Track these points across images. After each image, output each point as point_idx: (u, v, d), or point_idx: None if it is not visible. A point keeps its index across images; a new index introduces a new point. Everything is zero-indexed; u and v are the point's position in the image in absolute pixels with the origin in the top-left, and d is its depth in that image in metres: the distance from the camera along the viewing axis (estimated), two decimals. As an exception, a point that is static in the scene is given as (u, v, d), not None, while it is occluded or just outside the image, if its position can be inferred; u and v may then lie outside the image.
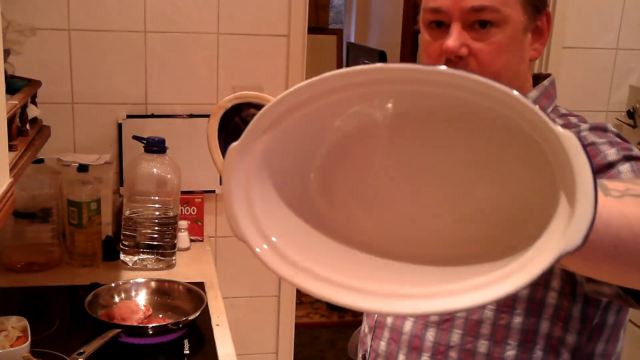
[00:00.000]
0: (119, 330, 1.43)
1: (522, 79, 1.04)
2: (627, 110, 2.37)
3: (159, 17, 2.04)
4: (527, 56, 1.02)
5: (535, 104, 0.87)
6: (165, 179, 1.87)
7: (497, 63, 0.98)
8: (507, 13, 0.96)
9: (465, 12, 0.96)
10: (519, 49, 0.99)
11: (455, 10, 0.97)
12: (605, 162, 0.98)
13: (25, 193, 1.79)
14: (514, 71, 1.01)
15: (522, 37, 0.99)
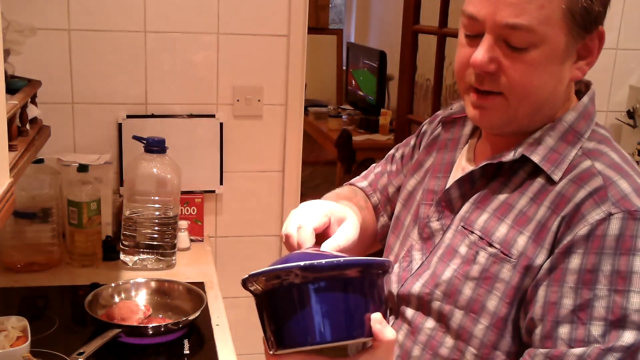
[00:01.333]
0: (119, 330, 1.43)
1: (558, 101, 0.97)
2: (627, 110, 2.37)
3: (159, 17, 2.04)
4: (568, 76, 0.95)
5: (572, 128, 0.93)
6: (165, 179, 1.87)
7: (528, 84, 0.92)
8: (545, 32, 0.88)
9: (500, 27, 0.89)
10: (557, 70, 0.93)
11: (489, 22, 0.90)
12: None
13: (25, 193, 1.79)
14: (549, 93, 0.94)
15: (563, 58, 0.92)
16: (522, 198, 0.95)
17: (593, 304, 0.85)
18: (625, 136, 2.40)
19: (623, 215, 0.86)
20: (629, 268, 0.84)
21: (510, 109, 0.94)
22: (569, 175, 0.92)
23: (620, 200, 0.87)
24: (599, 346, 0.84)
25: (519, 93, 0.92)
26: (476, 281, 0.96)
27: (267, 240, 2.27)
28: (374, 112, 4.28)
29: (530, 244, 0.92)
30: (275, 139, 2.20)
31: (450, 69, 2.98)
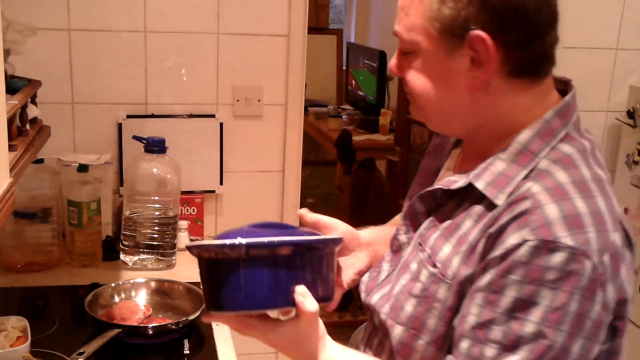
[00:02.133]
0: (119, 330, 1.43)
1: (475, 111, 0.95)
2: (627, 110, 2.37)
3: (159, 17, 2.04)
4: (464, 85, 0.92)
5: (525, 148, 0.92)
6: (165, 179, 1.87)
7: (417, 87, 0.95)
8: (414, 39, 0.93)
9: (394, 34, 0.96)
10: (440, 75, 0.93)
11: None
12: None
13: (25, 193, 1.79)
14: (443, 98, 0.94)
15: (442, 63, 0.92)
16: (467, 219, 0.94)
17: (492, 325, 0.85)
18: (625, 136, 2.40)
19: (537, 243, 0.82)
20: (532, 298, 0.83)
21: (420, 110, 0.98)
22: (510, 198, 0.89)
23: (540, 227, 0.83)
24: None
25: (414, 96, 0.97)
26: (417, 299, 0.96)
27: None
28: (374, 112, 4.28)
29: (462, 266, 0.92)
30: (275, 139, 2.20)
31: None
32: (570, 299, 0.82)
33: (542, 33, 0.96)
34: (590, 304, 0.83)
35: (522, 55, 0.92)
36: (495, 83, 0.92)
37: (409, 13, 0.93)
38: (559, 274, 0.82)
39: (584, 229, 0.83)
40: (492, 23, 0.88)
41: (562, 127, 0.94)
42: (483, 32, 0.88)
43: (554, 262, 0.82)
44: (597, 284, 0.83)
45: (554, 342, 0.83)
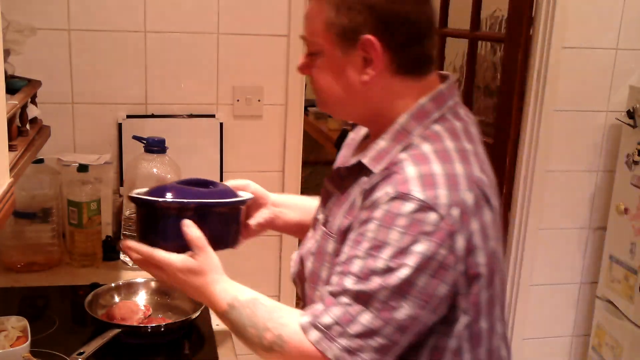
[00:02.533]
0: (119, 330, 1.43)
1: (366, 102, 1.12)
2: (627, 110, 2.37)
3: (159, 17, 2.04)
4: (356, 80, 1.09)
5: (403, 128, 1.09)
6: (165, 179, 1.87)
7: (321, 82, 1.13)
8: (317, 42, 1.10)
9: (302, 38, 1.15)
10: (338, 73, 1.10)
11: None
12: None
13: (25, 193, 1.79)
14: (342, 92, 1.12)
15: (339, 63, 1.09)
16: (355, 188, 1.12)
17: (353, 260, 1.03)
18: (625, 136, 2.40)
19: (395, 195, 1.01)
20: (384, 240, 1.00)
21: (323, 101, 1.16)
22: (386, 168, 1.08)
23: (399, 183, 1.02)
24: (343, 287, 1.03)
25: (319, 89, 1.14)
26: (314, 256, 1.18)
27: (267, 240, 2.27)
28: (374, 112, 4.28)
29: (342, 220, 1.12)
30: (275, 139, 2.20)
31: (450, 69, 2.98)
32: (414, 241, 0.99)
33: (421, 38, 1.09)
34: (436, 247, 0.99)
35: (405, 55, 1.08)
36: (383, 78, 1.09)
37: (312, 21, 1.11)
38: (407, 220, 1.00)
39: (435, 187, 1.01)
40: (379, 29, 1.06)
41: (435, 110, 1.10)
42: (372, 36, 1.06)
43: (404, 210, 1.00)
44: (444, 232, 0.99)
45: (400, 275, 1.00)
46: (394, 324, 1.01)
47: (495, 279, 1.09)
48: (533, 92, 2.38)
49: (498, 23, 3.29)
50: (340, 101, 1.14)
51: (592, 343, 2.58)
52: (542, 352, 2.64)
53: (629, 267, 2.37)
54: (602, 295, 2.53)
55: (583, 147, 2.47)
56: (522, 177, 2.43)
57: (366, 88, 1.10)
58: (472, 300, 1.06)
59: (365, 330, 1.02)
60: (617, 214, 2.44)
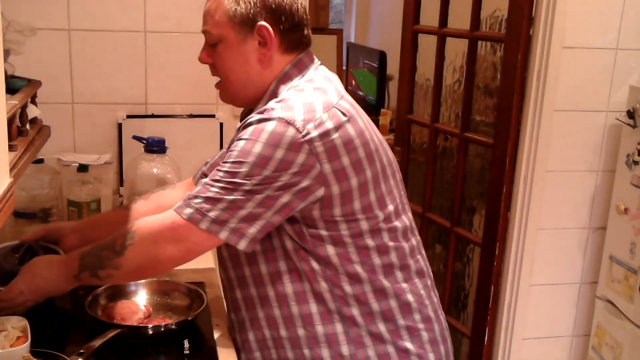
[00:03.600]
0: (119, 330, 1.43)
1: (258, 81, 1.37)
2: (627, 110, 2.36)
3: (159, 17, 2.04)
4: (254, 59, 1.36)
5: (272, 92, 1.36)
6: (165, 179, 1.87)
7: (224, 66, 1.38)
8: (219, 32, 1.36)
9: (203, 32, 1.41)
10: (240, 54, 1.36)
11: (202, 31, 1.41)
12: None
13: (25, 193, 1.79)
14: (244, 73, 1.37)
15: (241, 46, 1.35)
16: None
17: (217, 170, 1.27)
18: (625, 136, 2.40)
19: (258, 118, 1.27)
20: (247, 148, 1.24)
21: (228, 89, 1.41)
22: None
23: (263, 110, 1.28)
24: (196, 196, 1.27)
25: (224, 75, 1.39)
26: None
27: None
28: (374, 112, 4.28)
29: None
30: (275, 139, 2.20)
31: (450, 69, 2.98)
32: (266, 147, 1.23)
33: (300, 25, 1.37)
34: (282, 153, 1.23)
35: (290, 38, 1.36)
36: (275, 57, 1.36)
37: (214, 15, 1.36)
38: (266, 134, 1.24)
39: (293, 110, 1.26)
40: (270, 17, 1.34)
41: (298, 74, 1.37)
42: (265, 23, 1.33)
43: (265, 126, 1.24)
44: (299, 139, 1.23)
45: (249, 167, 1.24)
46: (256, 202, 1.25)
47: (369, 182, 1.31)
48: (533, 92, 2.38)
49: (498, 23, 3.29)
50: (241, 82, 1.37)
51: (592, 343, 2.58)
52: (542, 352, 2.64)
53: (629, 267, 2.37)
54: (602, 295, 2.53)
55: (583, 147, 2.47)
56: (522, 177, 2.43)
57: (262, 66, 1.36)
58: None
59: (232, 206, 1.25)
60: (617, 214, 2.44)
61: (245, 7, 1.33)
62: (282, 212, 1.26)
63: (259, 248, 1.33)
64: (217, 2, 1.37)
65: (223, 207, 1.25)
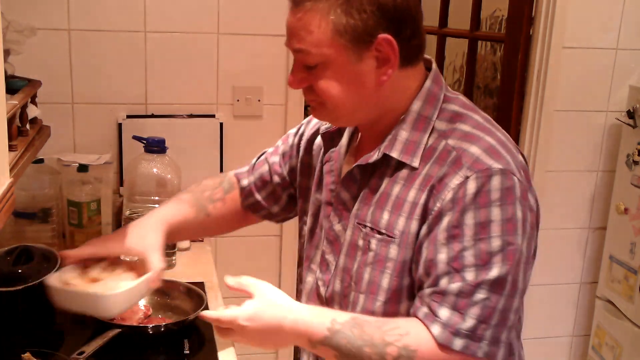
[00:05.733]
0: (119, 330, 1.43)
1: (377, 101, 1.10)
2: (627, 110, 2.37)
3: (159, 17, 2.04)
4: (372, 82, 1.08)
5: (420, 115, 1.11)
6: (165, 179, 1.87)
7: (330, 93, 1.09)
8: (322, 52, 1.05)
9: (294, 52, 1.10)
10: (352, 78, 1.07)
11: (290, 50, 1.11)
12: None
13: (25, 193, 1.79)
14: (355, 97, 1.09)
15: (353, 68, 1.06)
16: (395, 186, 1.10)
17: (463, 253, 1.01)
18: (625, 136, 2.40)
19: (476, 175, 1.01)
20: (488, 218, 1.00)
21: (330, 113, 1.13)
22: (432, 159, 1.07)
23: (472, 164, 1.02)
24: (470, 283, 1.00)
25: (328, 100, 1.10)
26: (371, 266, 1.11)
27: (267, 240, 2.27)
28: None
29: (407, 222, 1.07)
30: (275, 139, 2.19)
31: (450, 69, 2.98)
32: (515, 208, 1.01)
33: (419, 27, 1.10)
34: (526, 209, 1.03)
35: (410, 47, 1.09)
36: (394, 74, 1.08)
37: (312, 31, 1.05)
38: (500, 192, 1.01)
39: (501, 155, 1.04)
40: (390, 27, 1.05)
41: (439, 91, 1.13)
42: (387, 35, 1.05)
43: (493, 184, 1.01)
44: (525, 193, 1.03)
45: (517, 245, 1.01)
46: (519, 294, 1.04)
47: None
48: (533, 92, 2.38)
49: (498, 23, 3.29)
50: (354, 108, 1.11)
51: (592, 343, 2.58)
52: (542, 352, 2.64)
53: (629, 267, 2.37)
54: (602, 295, 2.53)
55: (583, 147, 2.47)
56: (522, 177, 2.44)
57: (380, 88, 1.09)
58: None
59: (502, 316, 1.02)
60: (617, 214, 2.44)
61: (360, 17, 1.04)
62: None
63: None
64: (313, 12, 1.05)
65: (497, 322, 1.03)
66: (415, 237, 1.06)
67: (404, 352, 1.01)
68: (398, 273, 1.08)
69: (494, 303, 1.00)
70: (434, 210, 1.03)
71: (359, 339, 1.03)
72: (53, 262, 1.50)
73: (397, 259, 1.08)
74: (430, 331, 1.01)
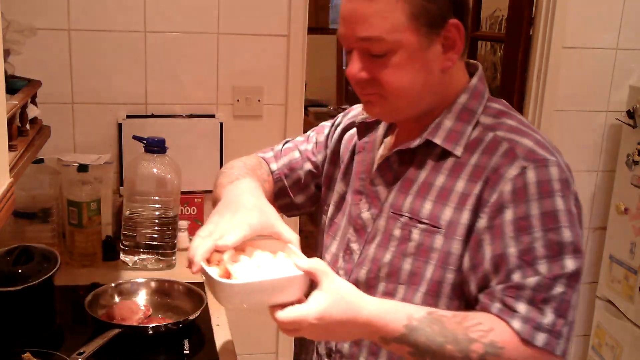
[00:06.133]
0: (119, 330, 1.43)
1: (437, 89, 1.09)
2: (627, 110, 2.37)
3: (159, 17, 2.04)
4: (438, 68, 1.06)
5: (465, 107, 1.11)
6: (165, 179, 1.87)
7: (397, 82, 1.05)
8: (395, 39, 1.02)
9: (359, 41, 1.04)
10: (421, 65, 1.05)
11: (351, 39, 1.05)
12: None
13: (25, 193, 1.79)
14: (421, 85, 1.06)
15: (423, 54, 1.04)
16: (439, 176, 1.08)
17: (533, 245, 0.98)
18: (625, 136, 2.40)
19: (534, 165, 1.00)
20: (554, 207, 0.99)
21: (389, 105, 1.08)
22: (479, 149, 1.06)
23: (527, 154, 1.01)
24: (547, 277, 0.97)
25: (392, 92, 1.06)
26: (413, 256, 1.08)
27: (267, 240, 2.27)
28: (374, 112, 4.28)
29: (455, 212, 1.05)
30: (275, 139, 2.19)
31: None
32: (571, 199, 1.01)
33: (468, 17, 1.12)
34: (578, 204, 1.03)
35: (467, 35, 1.08)
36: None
37: (385, 16, 1.01)
38: (560, 183, 1.00)
39: (550, 150, 1.04)
40: (457, 11, 1.06)
41: (484, 89, 1.14)
42: (456, 20, 1.05)
43: (552, 174, 1.00)
44: (573, 187, 1.03)
45: (581, 236, 1.01)
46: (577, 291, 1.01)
47: None
48: (533, 92, 2.38)
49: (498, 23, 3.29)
50: (418, 97, 1.08)
51: (592, 343, 2.58)
52: (542, 352, 2.64)
53: (629, 267, 2.37)
54: (602, 295, 2.53)
55: (583, 147, 2.47)
56: (522, 177, 2.44)
57: (443, 75, 1.08)
58: None
59: (574, 311, 1.00)
60: (617, 214, 2.44)
61: (436, 2, 1.03)
62: None
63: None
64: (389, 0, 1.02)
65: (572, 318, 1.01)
66: (466, 228, 1.04)
67: (490, 349, 0.96)
68: (442, 264, 1.06)
69: (569, 297, 0.98)
70: (490, 202, 1.01)
71: (439, 336, 0.97)
72: (53, 262, 1.50)
73: (442, 250, 1.05)
74: (511, 326, 0.97)
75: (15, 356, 1.32)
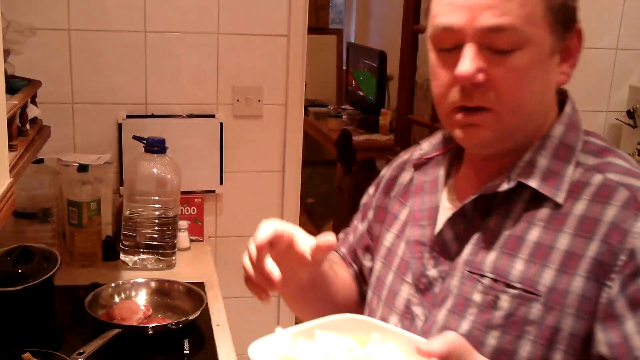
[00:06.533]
0: (119, 330, 1.43)
1: (546, 108, 0.90)
2: (627, 110, 2.37)
3: (159, 17, 2.04)
4: (554, 81, 0.88)
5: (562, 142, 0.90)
6: (165, 179, 1.87)
7: (517, 92, 0.84)
8: (529, 32, 0.82)
9: (482, 32, 0.82)
10: (544, 73, 0.86)
11: (469, 30, 0.83)
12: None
13: (25, 193, 1.79)
14: (537, 100, 0.88)
15: (549, 60, 0.86)
16: (533, 228, 0.87)
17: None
18: (625, 136, 2.40)
19: None
20: None
21: (501, 124, 0.86)
22: (585, 196, 0.85)
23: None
24: None
25: (509, 104, 0.85)
26: (501, 329, 0.86)
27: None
28: (374, 112, 4.28)
29: (559, 276, 0.83)
30: (275, 139, 2.20)
31: (451, 69, 2.98)
32: None
33: None
34: None
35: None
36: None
37: (523, 2, 0.81)
38: None
39: None
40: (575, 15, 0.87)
41: (579, 121, 0.93)
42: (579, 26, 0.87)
43: None
44: None
45: None
46: None
47: None
48: (533, 92, 2.38)
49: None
50: (526, 117, 0.87)
51: (592, 343, 2.58)
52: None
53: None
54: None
55: (583, 147, 2.47)
56: (522, 177, 2.43)
57: (553, 91, 0.89)
58: None
59: None
60: (617, 214, 2.43)
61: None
62: None
63: None
64: None
65: None
66: (580, 300, 0.82)
67: None
68: (546, 341, 0.83)
69: None
70: (618, 266, 0.80)
71: None
72: (53, 262, 1.50)
73: (544, 323, 0.83)
74: None
75: (15, 356, 1.32)
